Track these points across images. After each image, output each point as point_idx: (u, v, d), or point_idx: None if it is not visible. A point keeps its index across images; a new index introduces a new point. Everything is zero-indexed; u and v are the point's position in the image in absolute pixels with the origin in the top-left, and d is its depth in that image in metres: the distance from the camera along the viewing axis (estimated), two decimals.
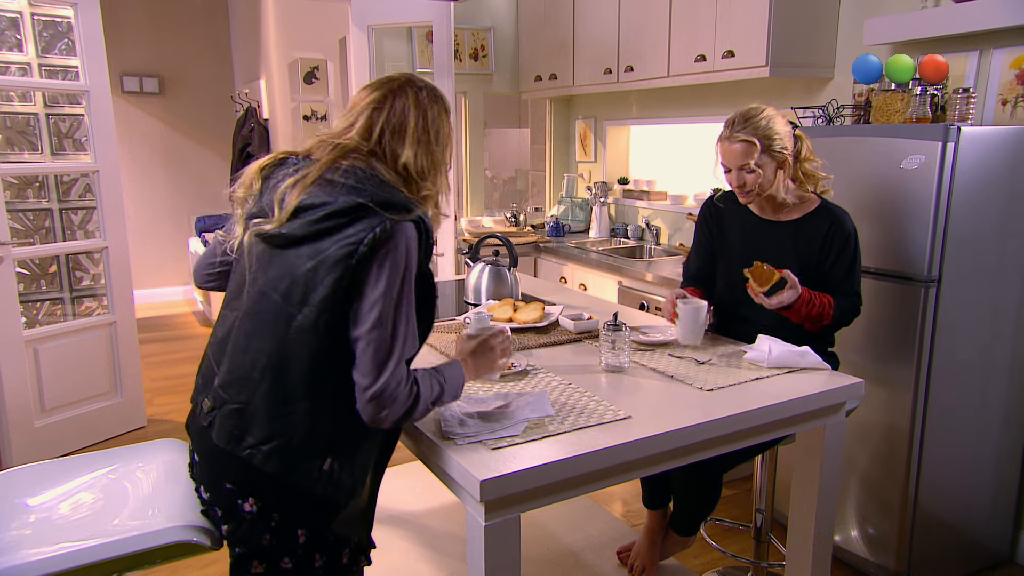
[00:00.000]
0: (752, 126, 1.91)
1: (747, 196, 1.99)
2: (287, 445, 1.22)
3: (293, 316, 1.22)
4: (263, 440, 1.22)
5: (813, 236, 1.97)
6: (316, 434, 1.23)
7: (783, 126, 1.94)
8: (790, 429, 1.63)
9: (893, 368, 2.28)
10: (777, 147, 1.92)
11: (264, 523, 1.25)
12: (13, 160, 3.39)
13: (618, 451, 1.33)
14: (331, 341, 1.22)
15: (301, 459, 1.23)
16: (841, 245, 1.95)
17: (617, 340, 1.72)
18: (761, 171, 1.92)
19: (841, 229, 1.95)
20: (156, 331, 5.66)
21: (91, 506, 1.33)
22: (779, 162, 1.93)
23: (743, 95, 3.34)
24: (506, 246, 2.37)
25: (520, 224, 4.35)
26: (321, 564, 1.30)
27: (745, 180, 1.94)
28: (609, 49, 3.69)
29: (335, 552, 1.32)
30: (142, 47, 6.23)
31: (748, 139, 1.90)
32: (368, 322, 1.20)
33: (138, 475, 1.41)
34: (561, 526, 2.44)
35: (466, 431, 1.35)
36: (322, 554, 1.30)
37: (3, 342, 3.12)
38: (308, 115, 5.23)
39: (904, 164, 2.19)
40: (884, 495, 2.34)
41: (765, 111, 1.93)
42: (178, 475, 1.43)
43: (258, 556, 1.27)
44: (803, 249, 1.99)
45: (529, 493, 1.26)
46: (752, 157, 1.90)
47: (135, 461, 1.46)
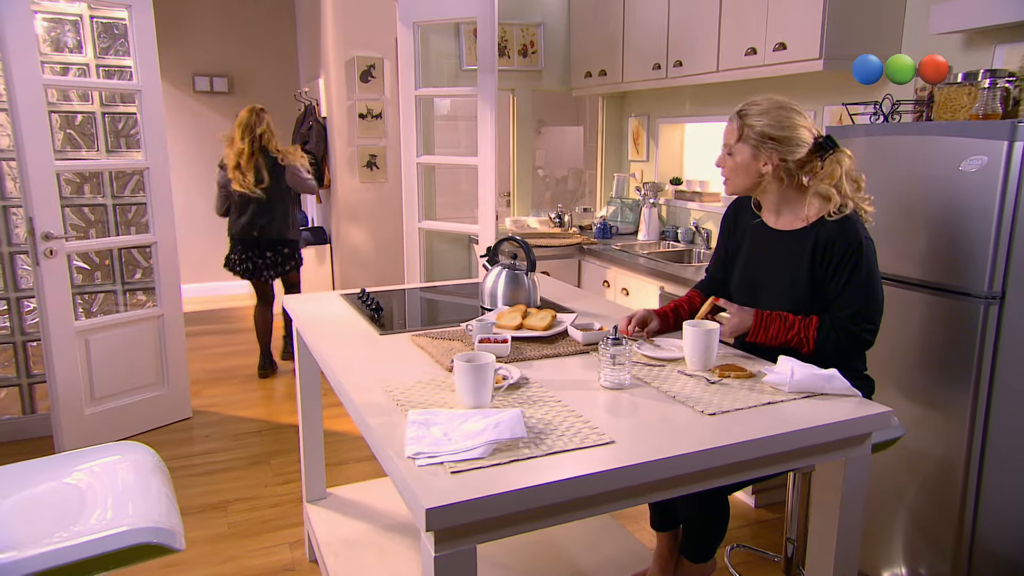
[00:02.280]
0: (743, 110, 1.81)
1: (725, 183, 1.89)
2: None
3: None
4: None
5: (812, 246, 1.78)
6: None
7: (788, 131, 1.76)
8: (801, 462, 1.46)
9: (948, 392, 2.05)
10: (761, 144, 1.77)
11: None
12: (71, 157, 3.53)
13: (589, 482, 1.21)
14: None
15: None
16: (840, 254, 1.74)
17: (617, 355, 1.59)
18: (734, 158, 1.82)
19: (842, 236, 1.74)
20: (214, 323, 5.84)
21: (45, 512, 1.32)
22: (757, 156, 1.78)
23: (797, 90, 3.12)
24: (523, 249, 2.27)
25: (564, 225, 4.22)
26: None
27: (723, 161, 1.85)
28: (658, 43, 3.53)
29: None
30: (213, 48, 6.44)
31: (733, 119, 1.82)
32: None
33: (100, 479, 1.39)
34: (577, 546, 2.32)
35: (426, 450, 1.26)
36: None
37: (56, 332, 3.25)
38: (364, 113, 5.27)
39: (964, 166, 1.96)
40: (936, 532, 2.11)
41: (780, 107, 1.77)
42: (142, 479, 1.41)
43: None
44: (797, 261, 1.81)
45: (485, 524, 1.16)
46: (731, 139, 1.81)
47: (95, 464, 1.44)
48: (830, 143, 1.79)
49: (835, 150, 1.78)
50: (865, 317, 1.74)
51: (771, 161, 1.78)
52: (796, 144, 1.77)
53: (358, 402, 1.51)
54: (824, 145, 1.79)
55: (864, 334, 1.75)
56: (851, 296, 1.74)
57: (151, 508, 1.30)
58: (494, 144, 3.67)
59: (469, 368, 1.43)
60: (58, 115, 3.46)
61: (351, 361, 1.79)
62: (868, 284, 1.74)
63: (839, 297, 1.76)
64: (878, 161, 2.23)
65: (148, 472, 1.43)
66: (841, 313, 1.76)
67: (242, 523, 2.81)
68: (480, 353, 1.49)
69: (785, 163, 1.78)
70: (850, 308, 1.75)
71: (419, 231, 4.09)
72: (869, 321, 1.75)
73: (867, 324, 1.75)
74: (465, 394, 1.45)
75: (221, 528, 2.77)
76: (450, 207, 4.55)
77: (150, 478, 1.41)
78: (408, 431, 1.33)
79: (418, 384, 1.61)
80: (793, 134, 1.76)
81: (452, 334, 1.98)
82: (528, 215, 4.52)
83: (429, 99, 4.33)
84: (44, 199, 3.14)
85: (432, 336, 1.97)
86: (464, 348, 1.86)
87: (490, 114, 3.63)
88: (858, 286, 1.74)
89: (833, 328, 1.75)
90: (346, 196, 4.99)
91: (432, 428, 1.35)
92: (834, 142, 1.80)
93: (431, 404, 1.50)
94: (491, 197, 3.72)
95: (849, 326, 1.74)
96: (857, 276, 1.73)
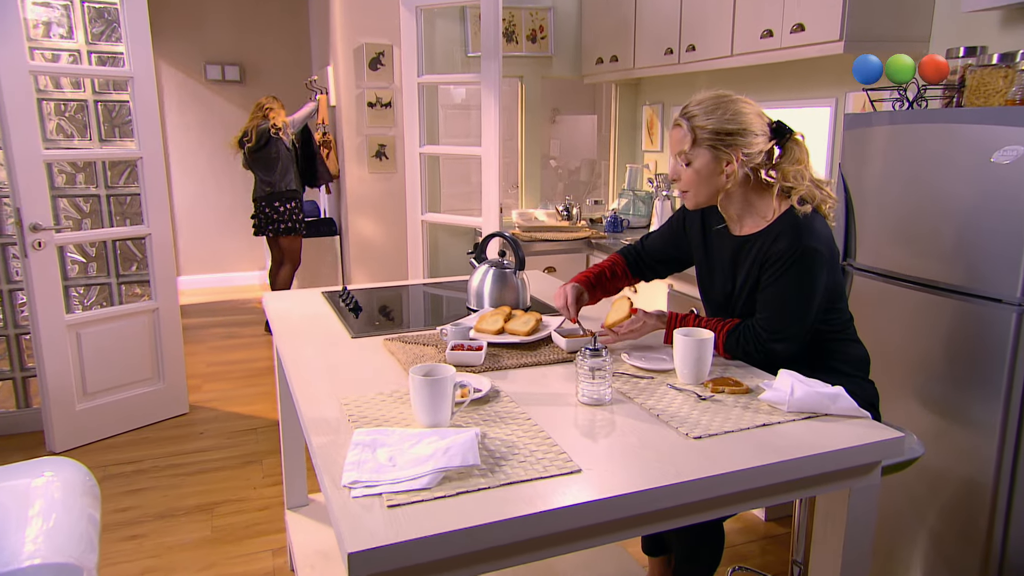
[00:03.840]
0: (688, 111, 1.61)
1: (682, 196, 1.69)
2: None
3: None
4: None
5: (757, 252, 1.62)
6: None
7: (740, 122, 1.59)
8: (798, 494, 1.30)
9: (975, 407, 1.86)
10: (718, 143, 1.58)
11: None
12: (64, 146, 3.44)
13: (545, 519, 1.06)
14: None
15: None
16: (776, 256, 1.57)
17: (596, 369, 1.43)
18: (692, 166, 1.62)
19: (786, 238, 1.56)
20: (224, 315, 5.77)
21: None
22: (718, 157, 1.60)
23: (818, 75, 2.91)
24: (512, 246, 2.11)
25: (573, 218, 4.05)
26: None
27: (679, 174, 1.65)
28: (670, 27, 3.33)
29: None
30: (225, 37, 6.36)
31: (679, 123, 1.62)
32: None
33: (19, 500, 1.27)
34: (568, 566, 2.17)
35: (365, 478, 1.12)
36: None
37: (46, 325, 3.18)
38: (373, 102, 5.13)
39: (996, 157, 1.76)
40: (959, 560, 1.93)
41: (724, 98, 1.59)
42: (68, 501, 1.29)
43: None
44: (744, 267, 1.66)
45: (422, 569, 1.02)
46: (682, 146, 1.62)
47: (20, 482, 1.33)
48: (784, 127, 1.64)
49: (791, 134, 1.64)
50: (777, 325, 1.58)
51: (734, 159, 1.60)
52: (753, 134, 1.60)
53: (307, 417, 1.38)
54: (779, 130, 1.64)
55: (774, 344, 1.58)
56: (769, 299, 1.59)
57: (67, 539, 1.18)
58: (498, 133, 3.51)
59: (424, 383, 1.29)
60: (50, 103, 3.38)
61: (312, 367, 1.66)
62: (793, 291, 1.56)
63: (760, 298, 1.62)
64: (900, 152, 2.03)
65: (76, 495, 1.31)
66: (757, 316, 1.61)
67: (226, 527, 2.71)
68: (439, 366, 1.34)
69: (748, 158, 1.61)
70: (765, 311, 1.60)
71: (422, 224, 3.95)
72: (780, 331, 1.58)
73: (777, 334, 1.58)
74: (421, 411, 1.31)
75: (204, 532, 2.67)
76: (460, 199, 4.40)
77: (76, 501, 1.29)
78: (350, 454, 1.19)
79: (377, 397, 1.47)
80: (747, 124, 1.60)
81: (427, 339, 1.84)
82: (537, 207, 4.35)
83: (433, 87, 4.17)
84: (32, 189, 3.06)
85: (406, 341, 1.83)
86: (437, 355, 1.71)
87: (494, 102, 3.47)
88: (781, 289, 1.57)
89: (744, 333, 1.61)
90: (355, 187, 4.87)
91: (378, 451, 1.20)
92: (786, 126, 1.64)
93: (387, 421, 1.35)
94: (495, 189, 3.57)
95: (760, 332, 1.59)
96: (782, 282, 1.57)
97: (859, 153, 2.18)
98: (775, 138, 1.64)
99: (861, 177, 2.17)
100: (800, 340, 1.60)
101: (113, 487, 2.99)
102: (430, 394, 1.29)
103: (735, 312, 1.72)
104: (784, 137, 1.64)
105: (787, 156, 1.63)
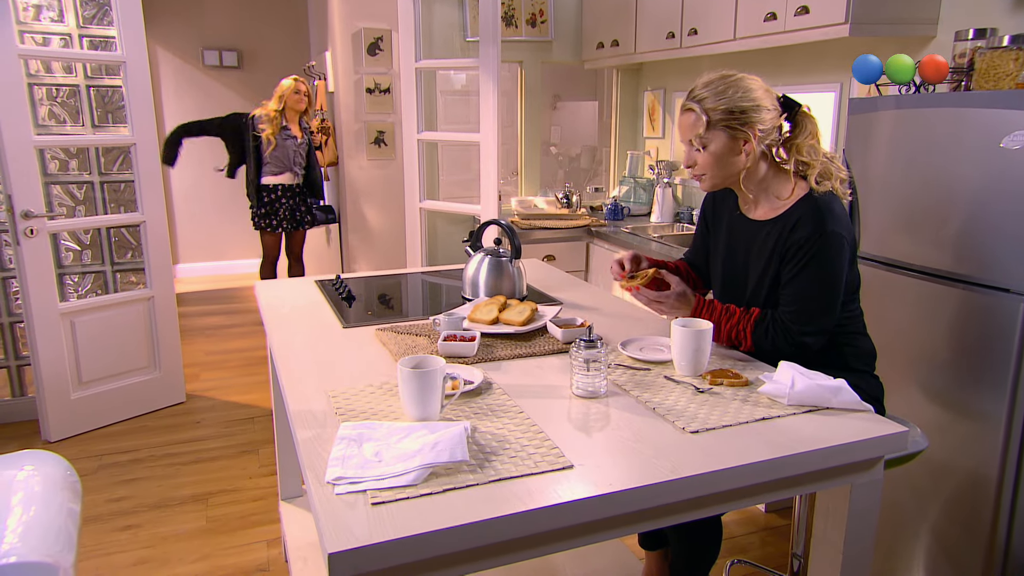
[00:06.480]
0: (696, 95, 1.57)
1: (700, 180, 1.64)
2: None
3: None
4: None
5: (778, 237, 1.58)
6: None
7: (752, 99, 1.54)
8: (798, 490, 1.26)
9: (980, 400, 1.81)
10: (734, 122, 1.53)
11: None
12: (56, 132, 3.40)
13: (533, 518, 1.02)
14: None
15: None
16: (798, 243, 1.53)
17: (591, 360, 1.39)
18: (708, 150, 1.57)
19: (806, 223, 1.52)
20: (223, 303, 5.74)
21: None
22: (735, 140, 1.55)
23: (824, 59, 2.85)
24: (508, 234, 2.07)
25: (572, 206, 4.00)
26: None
27: (694, 159, 1.60)
28: (672, 10, 3.26)
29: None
30: (223, 22, 6.28)
31: (691, 108, 1.57)
32: None
33: None
34: (564, 558, 2.14)
35: (350, 474, 1.08)
36: None
37: (39, 314, 3.15)
38: (371, 88, 5.07)
39: (1006, 142, 1.70)
40: (962, 555, 1.89)
41: (730, 77, 1.55)
42: (47, 496, 1.25)
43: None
44: (767, 254, 1.61)
45: (406, 569, 0.98)
46: (696, 131, 1.56)
47: None
48: (791, 101, 1.61)
49: (799, 107, 1.60)
50: (806, 318, 1.53)
51: (751, 137, 1.55)
52: (766, 109, 1.56)
53: (293, 410, 1.34)
54: (788, 104, 1.61)
55: (805, 337, 1.54)
56: (796, 291, 1.54)
57: (44, 537, 1.15)
58: (497, 119, 3.45)
59: (413, 375, 1.25)
60: (41, 88, 3.33)
61: (301, 358, 1.62)
62: (819, 281, 1.52)
63: (785, 290, 1.57)
64: (907, 137, 1.98)
65: (56, 489, 1.28)
66: (784, 309, 1.56)
67: (221, 517, 2.68)
68: (429, 357, 1.31)
69: (764, 134, 1.57)
70: (793, 304, 1.55)
71: (420, 211, 3.91)
72: (810, 323, 1.53)
73: (808, 327, 1.54)
74: (409, 404, 1.27)
75: (199, 522, 2.65)
76: (459, 186, 4.35)
77: (56, 496, 1.26)
78: (334, 449, 1.16)
79: (367, 389, 1.43)
80: (758, 100, 1.56)
81: (420, 328, 1.80)
82: (536, 195, 4.30)
83: (432, 72, 4.11)
84: (23, 175, 3.01)
85: (399, 331, 1.79)
86: (430, 345, 1.67)
87: (493, 87, 3.41)
88: (806, 281, 1.53)
89: (772, 326, 1.56)
90: (354, 174, 4.82)
91: (364, 445, 1.17)
92: (794, 100, 1.61)
93: (375, 414, 1.32)
94: (494, 175, 3.52)
95: (790, 325, 1.54)
96: (808, 270, 1.52)
97: (864, 138, 2.13)
98: (785, 111, 1.61)
99: (866, 163, 2.12)
100: (830, 331, 1.57)
101: (108, 476, 2.97)
102: (419, 387, 1.25)
103: (751, 301, 1.67)
104: (793, 111, 1.60)
105: (799, 130, 1.59)
